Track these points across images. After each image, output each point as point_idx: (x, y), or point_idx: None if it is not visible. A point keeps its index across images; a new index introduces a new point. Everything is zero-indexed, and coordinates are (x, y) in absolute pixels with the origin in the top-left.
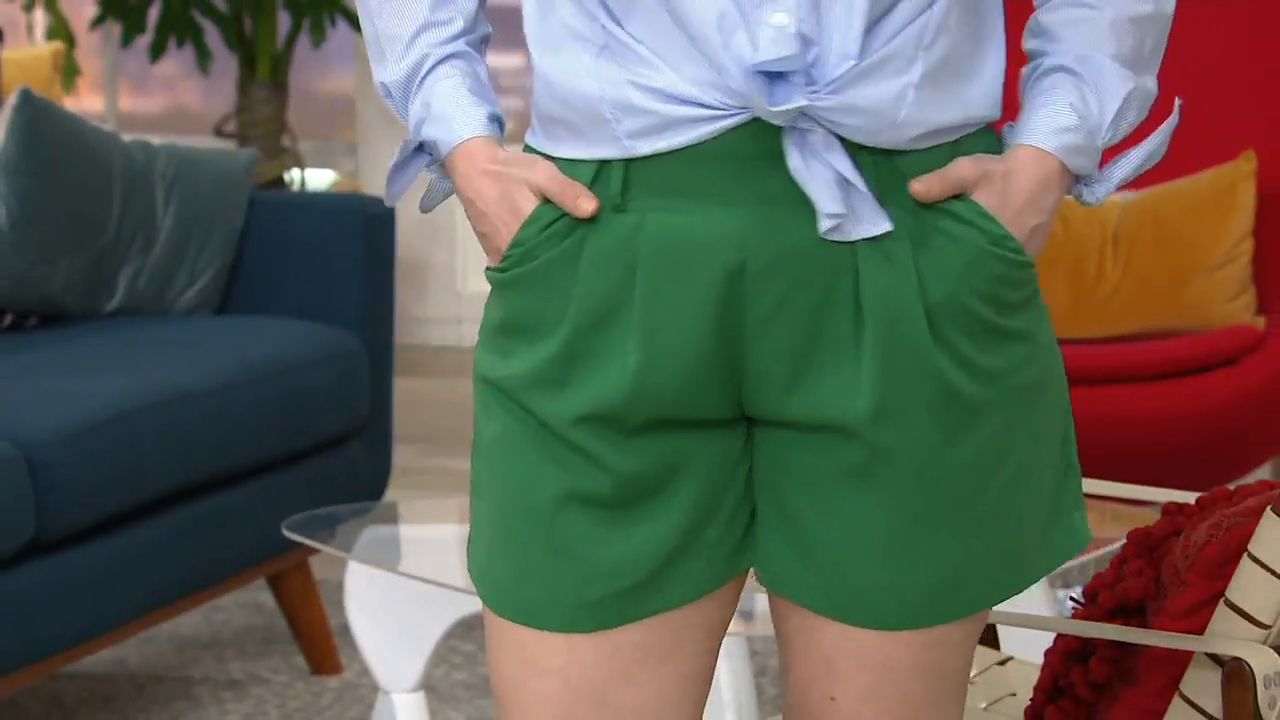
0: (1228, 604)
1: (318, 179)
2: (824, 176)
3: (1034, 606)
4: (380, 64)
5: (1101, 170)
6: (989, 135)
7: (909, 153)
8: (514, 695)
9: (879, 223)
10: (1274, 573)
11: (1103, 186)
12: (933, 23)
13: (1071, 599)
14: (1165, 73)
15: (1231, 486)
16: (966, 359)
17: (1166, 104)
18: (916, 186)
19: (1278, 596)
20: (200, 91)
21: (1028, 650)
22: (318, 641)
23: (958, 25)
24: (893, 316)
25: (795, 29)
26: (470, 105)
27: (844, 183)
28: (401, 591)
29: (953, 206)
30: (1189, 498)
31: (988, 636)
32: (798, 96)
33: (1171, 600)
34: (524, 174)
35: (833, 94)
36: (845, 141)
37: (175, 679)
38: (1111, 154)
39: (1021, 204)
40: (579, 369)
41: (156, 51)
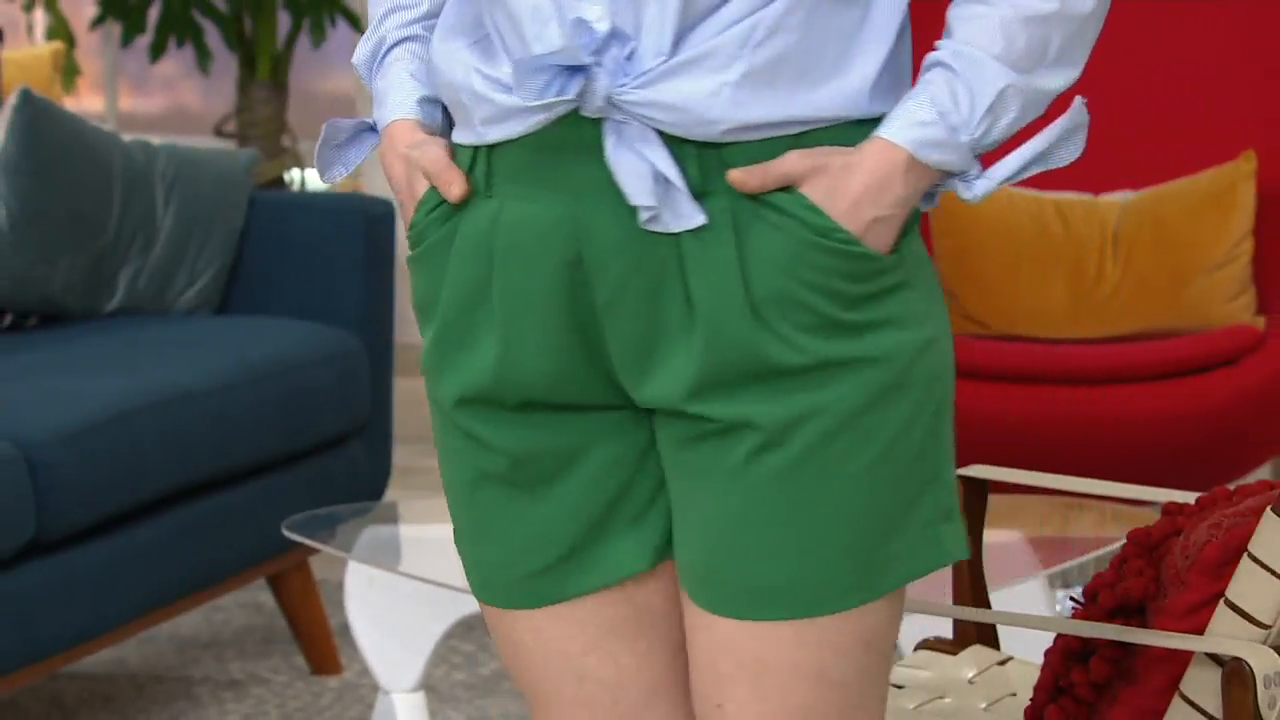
0: (1228, 604)
1: (318, 179)
2: (636, 168)
3: (1034, 606)
4: (360, 44)
5: (988, 168)
6: (852, 132)
7: (737, 144)
8: (514, 672)
9: (693, 216)
10: (1274, 573)
11: (982, 184)
12: (765, 22)
13: (1071, 599)
14: (1166, 72)
15: (1231, 486)
16: (804, 350)
17: (1098, 106)
18: (734, 176)
19: (1278, 596)
20: (200, 91)
21: (1028, 650)
22: (318, 641)
23: (804, 25)
24: (715, 307)
25: (609, 23)
26: (405, 88)
27: (658, 175)
28: (401, 591)
29: (776, 199)
30: (1189, 498)
31: (987, 636)
32: (599, 89)
33: (1171, 600)
34: (419, 156)
35: (640, 88)
36: (666, 134)
37: (175, 679)
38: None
39: (856, 196)
40: (452, 352)
41: (156, 51)
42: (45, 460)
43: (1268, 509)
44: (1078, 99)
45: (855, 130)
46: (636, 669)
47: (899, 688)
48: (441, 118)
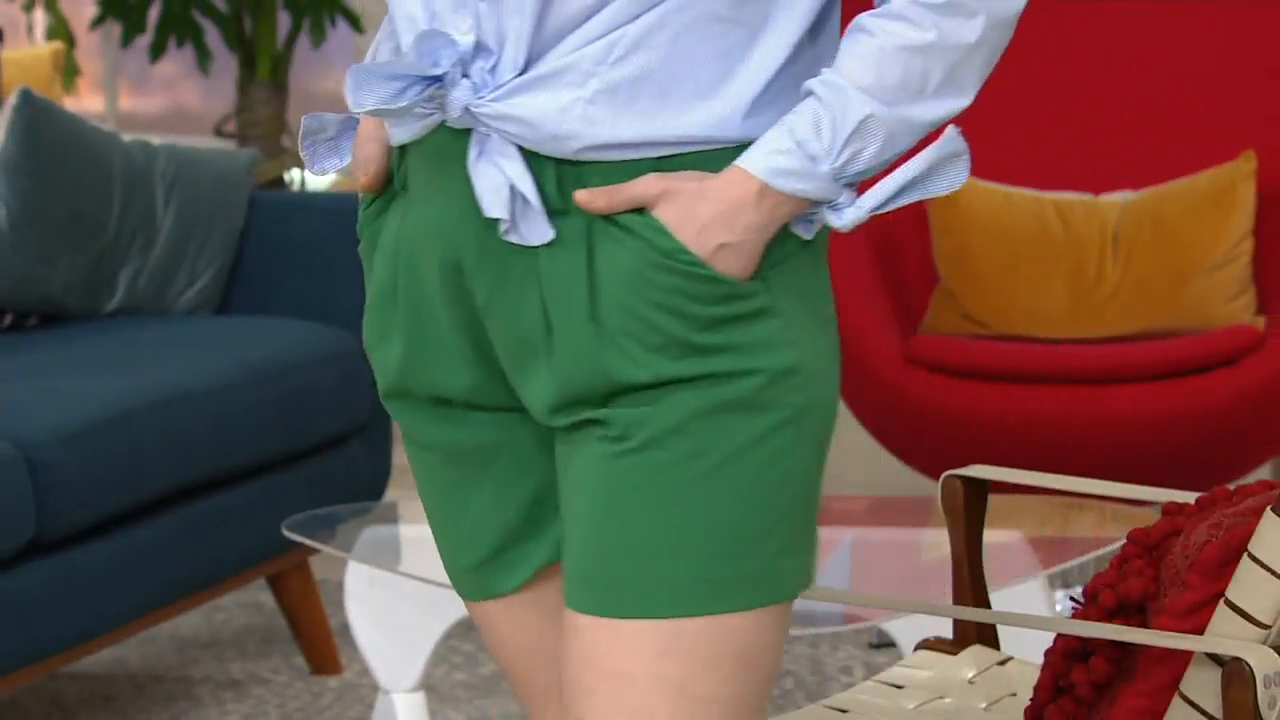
0: (1228, 604)
1: (318, 179)
2: (491, 180)
3: (1034, 606)
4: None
5: (861, 196)
6: (722, 158)
7: (596, 164)
8: (497, 661)
9: (543, 232)
10: (1274, 573)
11: (851, 213)
12: (626, 40)
13: (1071, 599)
14: (1166, 72)
15: (1231, 486)
16: (649, 368)
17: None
18: (580, 196)
19: (1278, 596)
20: (200, 91)
21: (1028, 650)
22: (318, 641)
23: (671, 44)
24: (567, 323)
25: (474, 36)
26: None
27: (515, 189)
28: (401, 591)
29: (627, 219)
30: (1189, 498)
31: (987, 636)
32: (456, 100)
33: (1172, 600)
34: (357, 150)
35: (495, 101)
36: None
37: (175, 679)
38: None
39: (706, 221)
40: (376, 346)
41: (156, 51)
42: (45, 460)
43: (1268, 509)
44: (950, 128)
45: (726, 156)
46: None
47: (899, 688)
48: None
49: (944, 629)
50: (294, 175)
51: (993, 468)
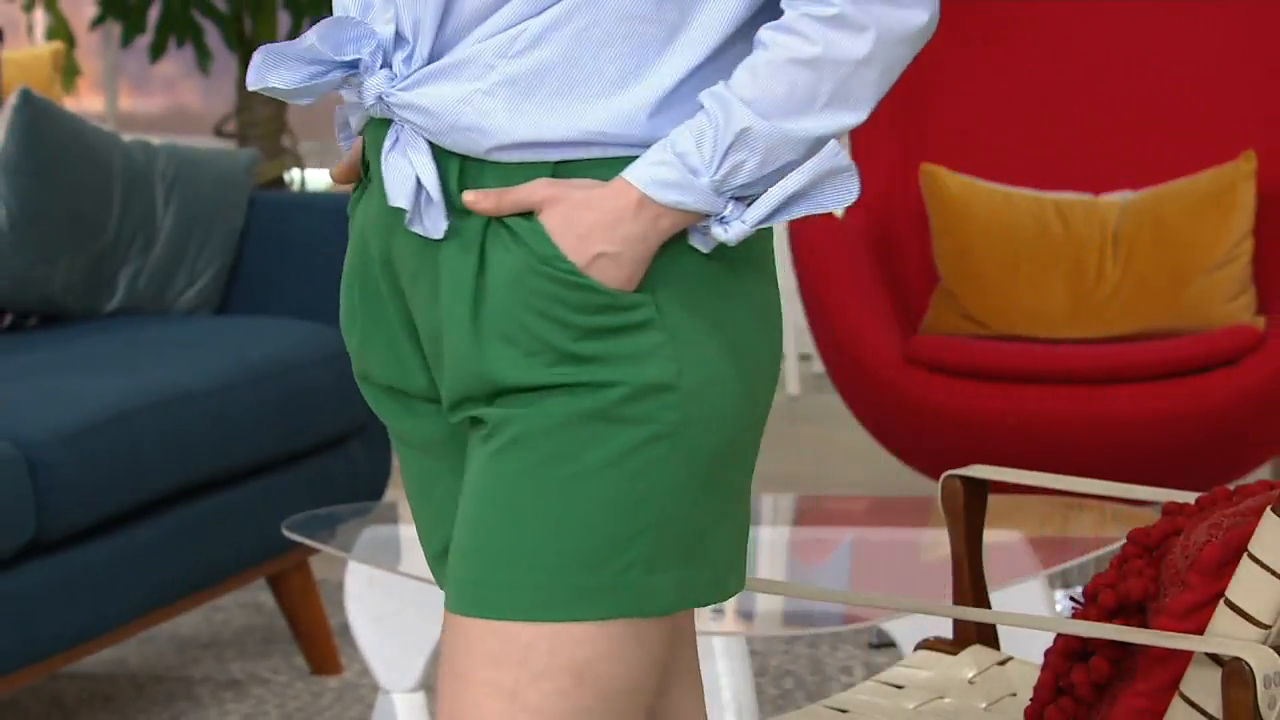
0: (1228, 604)
1: (318, 179)
2: (399, 170)
3: (1034, 606)
4: None
5: (750, 210)
6: (617, 166)
7: (497, 164)
8: None
9: (436, 226)
10: (1274, 573)
11: (736, 226)
12: (529, 33)
13: (1071, 599)
14: (1166, 72)
15: (1231, 486)
16: (527, 372)
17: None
18: (466, 197)
19: (1278, 596)
20: (200, 91)
21: (1028, 650)
22: (318, 641)
23: (576, 38)
24: (451, 318)
25: (393, 27)
26: None
27: (418, 179)
28: (401, 591)
29: (515, 223)
30: (1189, 498)
31: (988, 636)
32: (369, 89)
33: (1172, 600)
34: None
35: (403, 90)
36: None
37: (175, 679)
38: None
39: (586, 230)
40: (347, 331)
41: (156, 51)
42: (45, 460)
43: (1268, 509)
44: (831, 143)
45: (626, 164)
46: None
47: (899, 688)
48: None
49: (944, 629)
50: (294, 175)
51: (993, 468)
